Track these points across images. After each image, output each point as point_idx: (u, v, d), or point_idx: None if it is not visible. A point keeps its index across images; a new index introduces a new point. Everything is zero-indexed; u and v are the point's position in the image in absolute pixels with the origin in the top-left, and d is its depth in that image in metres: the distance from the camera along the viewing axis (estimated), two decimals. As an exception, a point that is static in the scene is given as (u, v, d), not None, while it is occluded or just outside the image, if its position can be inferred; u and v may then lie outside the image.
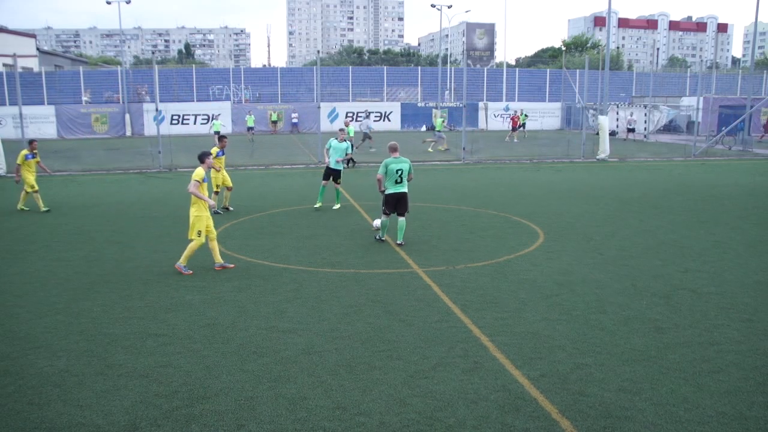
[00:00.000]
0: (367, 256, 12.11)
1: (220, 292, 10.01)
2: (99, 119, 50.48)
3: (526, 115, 47.10)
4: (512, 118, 44.60)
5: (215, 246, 11.37)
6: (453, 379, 6.82)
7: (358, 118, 47.61)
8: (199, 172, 11.06)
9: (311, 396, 6.49)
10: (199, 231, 10.94)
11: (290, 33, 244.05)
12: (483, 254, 12.25)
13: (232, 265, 11.40)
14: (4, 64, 54.34)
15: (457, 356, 7.41)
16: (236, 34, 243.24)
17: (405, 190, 12.86)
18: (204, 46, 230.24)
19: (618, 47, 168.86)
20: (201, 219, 10.95)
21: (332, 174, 16.91)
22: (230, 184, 16.88)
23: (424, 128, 53.47)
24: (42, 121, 47.78)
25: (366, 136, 34.55)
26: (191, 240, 11.03)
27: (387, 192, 12.81)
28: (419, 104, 56.08)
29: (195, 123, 51.97)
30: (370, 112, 46.44)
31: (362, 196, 19.10)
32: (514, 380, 6.78)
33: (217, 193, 16.62)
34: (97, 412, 6.21)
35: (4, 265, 11.83)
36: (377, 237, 13.35)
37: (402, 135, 47.47)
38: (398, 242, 12.85)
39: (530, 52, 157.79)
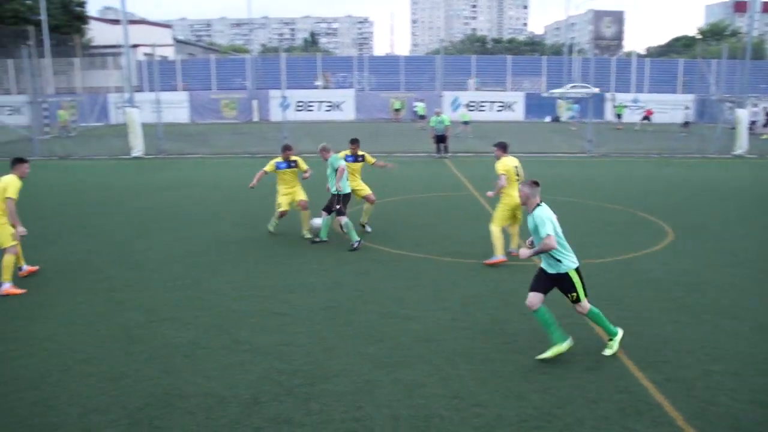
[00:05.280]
0: (489, 246, 11.95)
1: (340, 276, 10.20)
2: (228, 105, 52.50)
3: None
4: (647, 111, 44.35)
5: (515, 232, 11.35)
6: (573, 377, 6.67)
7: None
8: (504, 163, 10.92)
9: (428, 383, 6.51)
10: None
11: (413, 21, 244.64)
12: (607, 250, 11.85)
13: (503, 258, 10.97)
14: (144, 54, 57.53)
15: (578, 353, 7.22)
16: (360, 22, 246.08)
17: None
18: (329, 34, 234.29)
19: (762, 35, 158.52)
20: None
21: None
22: (366, 194, 13.36)
23: (548, 119, 52.27)
24: (176, 107, 50.13)
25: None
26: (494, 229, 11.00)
27: (346, 192, 12.03)
28: (544, 94, 54.85)
29: (319, 110, 53.07)
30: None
31: (484, 186, 18.90)
32: (637, 382, 6.55)
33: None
34: (222, 384, 6.49)
35: (140, 241, 12.57)
36: (318, 239, 12.36)
37: (526, 126, 46.62)
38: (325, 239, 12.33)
39: (662, 41, 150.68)
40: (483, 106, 53.42)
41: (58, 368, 6.90)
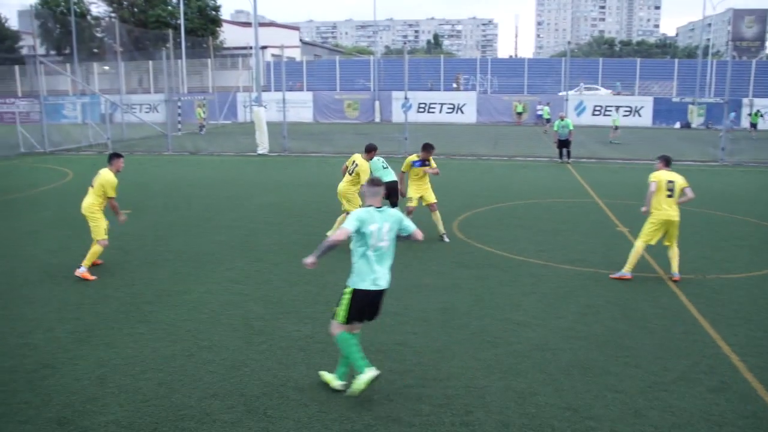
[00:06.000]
0: (609, 256, 11.55)
1: (457, 278, 10.13)
2: (351, 105, 53.47)
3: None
4: None
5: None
6: (695, 396, 6.32)
7: None
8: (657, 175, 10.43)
9: (541, 393, 6.35)
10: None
11: (538, 23, 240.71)
12: (738, 265, 11.16)
13: (629, 276, 10.21)
14: (273, 54, 59.56)
15: (702, 372, 6.84)
16: (484, 24, 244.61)
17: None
18: (452, 36, 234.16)
19: None
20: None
21: None
22: (431, 202, 12.92)
23: (678, 125, 49.99)
24: (300, 106, 51.52)
25: None
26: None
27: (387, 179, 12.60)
28: (674, 99, 52.40)
29: (441, 112, 53.06)
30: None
31: (608, 193, 18.31)
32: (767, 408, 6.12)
33: (410, 213, 12.32)
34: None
35: (264, 235, 13.00)
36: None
37: (653, 132, 44.78)
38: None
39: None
40: (609, 110, 51.72)
41: (182, 353, 7.22)
